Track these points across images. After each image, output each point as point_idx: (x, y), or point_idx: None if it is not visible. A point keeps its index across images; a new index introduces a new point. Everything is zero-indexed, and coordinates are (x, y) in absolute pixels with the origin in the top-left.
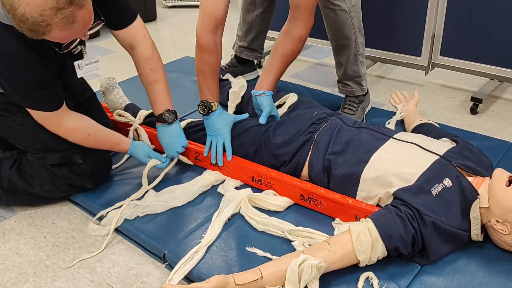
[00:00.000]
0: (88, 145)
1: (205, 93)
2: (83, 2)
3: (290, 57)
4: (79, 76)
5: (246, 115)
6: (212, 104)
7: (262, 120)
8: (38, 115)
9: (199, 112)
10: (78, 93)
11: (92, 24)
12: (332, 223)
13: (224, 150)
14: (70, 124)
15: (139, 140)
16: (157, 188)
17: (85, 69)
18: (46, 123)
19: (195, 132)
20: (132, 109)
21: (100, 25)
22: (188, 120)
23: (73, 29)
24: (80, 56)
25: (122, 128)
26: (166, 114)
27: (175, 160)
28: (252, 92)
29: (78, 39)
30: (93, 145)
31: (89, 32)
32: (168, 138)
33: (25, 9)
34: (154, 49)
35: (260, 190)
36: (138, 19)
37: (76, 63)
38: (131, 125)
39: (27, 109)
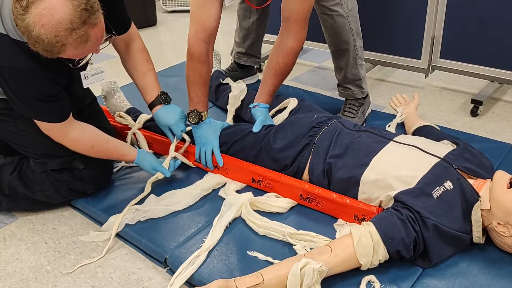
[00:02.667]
0: (92, 155)
1: (195, 102)
2: (96, 21)
3: (282, 70)
4: (85, 86)
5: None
6: (202, 113)
7: (255, 128)
8: (45, 126)
9: (189, 121)
10: (80, 98)
11: (104, 39)
12: (334, 225)
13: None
14: (74, 135)
15: (137, 143)
16: (158, 193)
17: (91, 80)
18: (52, 133)
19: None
20: (134, 113)
21: (112, 39)
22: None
23: (86, 47)
24: (85, 65)
25: (121, 131)
26: (163, 95)
27: (178, 163)
28: (250, 105)
29: (91, 55)
30: (97, 156)
31: (101, 47)
32: (172, 117)
33: (40, 31)
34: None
35: (260, 191)
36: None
37: (82, 73)
38: (130, 128)
39: (32, 118)
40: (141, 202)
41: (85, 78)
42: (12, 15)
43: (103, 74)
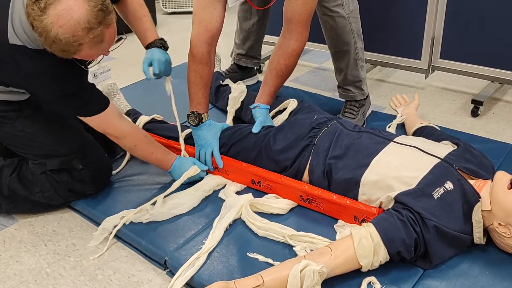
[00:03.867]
0: (144, 150)
1: (196, 104)
2: (111, 21)
3: (283, 71)
4: (95, 83)
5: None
6: (202, 115)
7: (255, 129)
8: (94, 122)
9: (189, 122)
10: None
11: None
12: (334, 226)
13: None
14: (127, 124)
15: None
16: (161, 191)
17: (100, 78)
18: (105, 127)
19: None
20: (133, 115)
21: (122, 42)
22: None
23: (101, 47)
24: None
25: None
26: (161, 40)
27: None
28: (250, 106)
29: (102, 57)
30: (141, 151)
31: (111, 50)
32: (159, 56)
33: (58, 31)
34: None
35: (261, 192)
36: None
37: (91, 72)
38: None
39: (83, 119)
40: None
41: (95, 76)
42: (22, 23)
43: (110, 72)
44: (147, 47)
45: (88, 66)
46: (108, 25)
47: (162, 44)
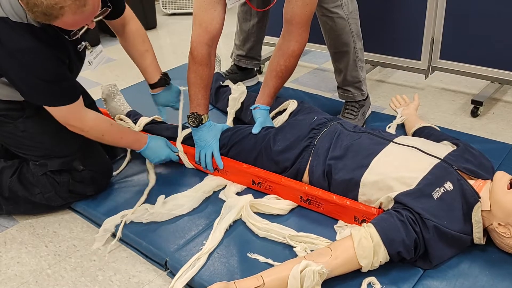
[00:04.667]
0: (105, 139)
1: (195, 105)
2: None
3: (283, 72)
4: (92, 69)
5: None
6: (202, 116)
7: (255, 130)
8: (60, 112)
9: (189, 123)
10: None
11: (100, 11)
12: (334, 226)
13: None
14: (92, 115)
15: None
16: (160, 192)
17: (95, 63)
18: (70, 117)
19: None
20: (134, 116)
21: (107, 12)
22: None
23: (84, 13)
24: (84, 52)
25: None
26: (164, 78)
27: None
28: (250, 107)
29: (85, 28)
30: (110, 139)
31: (95, 20)
32: (172, 97)
33: None
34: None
35: (261, 193)
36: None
37: (87, 60)
38: None
39: (47, 108)
40: (151, 201)
41: (90, 63)
42: None
43: (103, 52)
44: (153, 86)
45: (72, 37)
46: None
47: (165, 82)
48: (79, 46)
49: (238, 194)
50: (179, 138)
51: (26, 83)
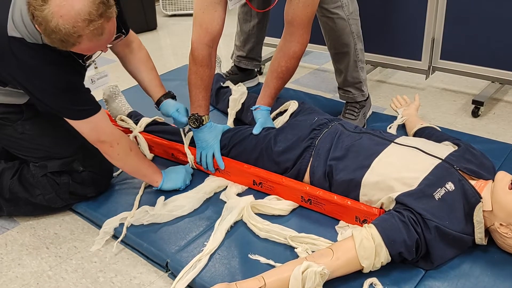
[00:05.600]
0: (126, 161)
1: (196, 106)
2: (111, 15)
3: (284, 73)
4: (92, 90)
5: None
6: (203, 117)
7: (255, 130)
8: (89, 125)
9: (190, 125)
10: None
11: (114, 37)
12: (335, 227)
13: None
14: (118, 131)
15: (138, 146)
16: (161, 193)
17: (97, 83)
18: (100, 132)
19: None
20: (135, 117)
21: (121, 38)
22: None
23: (100, 41)
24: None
25: None
26: (171, 93)
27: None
28: (251, 108)
29: (100, 53)
30: (128, 163)
31: (109, 45)
32: (181, 105)
33: (58, 21)
34: None
35: (262, 193)
36: None
37: (88, 77)
38: (131, 132)
39: (76, 126)
40: (149, 203)
41: (92, 82)
42: (23, 17)
43: (108, 78)
44: (159, 100)
45: (86, 62)
46: (108, 19)
47: (173, 96)
48: (88, 63)
49: (239, 195)
50: (186, 143)
51: (45, 97)
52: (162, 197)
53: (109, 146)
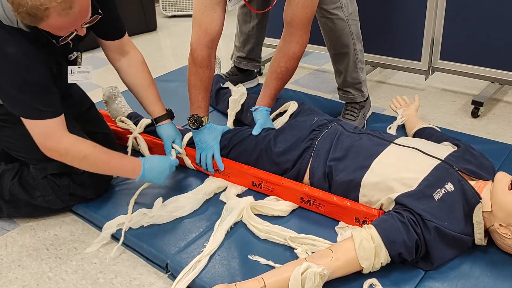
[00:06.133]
0: (84, 167)
1: (196, 107)
2: None
3: (284, 74)
4: (69, 81)
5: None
6: (202, 118)
7: (255, 131)
8: (39, 128)
9: (189, 126)
10: (77, 103)
11: (90, 18)
12: (335, 227)
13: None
14: (72, 138)
15: (138, 148)
16: (162, 198)
17: (77, 76)
18: (48, 137)
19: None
20: (135, 117)
21: (97, 19)
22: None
23: (70, 15)
24: (74, 63)
25: (122, 135)
26: (171, 112)
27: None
28: (251, 109)
29: (74, 34)
30: (91, 168)
31: (86, 26)
32: (177, 132)
33: None
34: None
35: (262, 194)
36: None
37: (69, 67)
38: (131, 133)
39: (25, 122)
40: (148, 206)
41: (72, 73)
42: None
43: (90, 74)
44: (157, 119)
45: (61, 42)
46: None
47: (172, 116)
48: (70, 56)
49: (239, 196)
50: (183, 143)
51: (6, 90)
52: (160, 199)
53: (55, 153)
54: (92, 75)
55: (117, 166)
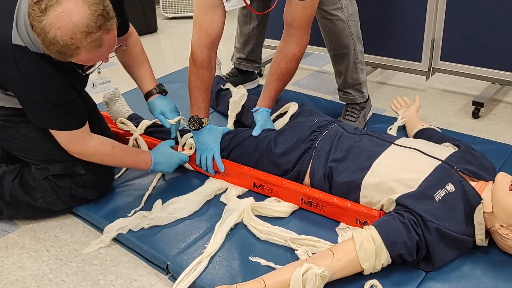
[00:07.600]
0: (114, 161)
1: (196, 108)
2: (111, 27)
3: (284, 75)
4: (93, 94)
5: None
6: (203, 120)
7: (255, 132)
8: (65, 137)
9: (189, 127)
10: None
11: (114, 48)
12: (336, 229)
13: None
14: (95, 141)
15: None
16: (160, 199)
17: (98, 88)
18: (73, 144)
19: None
20: (135, 119)
21: (121, 49)
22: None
23: (99, 52)
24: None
25: (123, 137)
26: (161, 86)
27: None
28: (252, 110)
29: (100, 63)
30: (118, 160)
31: (110, 56)
32: (167, 104)
33: (56, 33)
34: None
35: (262, 196)
36: None
37: (90, 81)
38: (132, 134)
39: (52, 131)
40: (147, 208)
41: (94, 86)
42: (26, 25)
43: (110, 84)
44: (147, 94)
45: (86, 72)
46: (107, 31)
47: (162, 90)
48: (89, 72)
49: (239, 197)
50: (181, 143)
51: (36, 106)
52: (160, 201)
53: (79, 155)
54: (112, 84)
55: (132, 162)
